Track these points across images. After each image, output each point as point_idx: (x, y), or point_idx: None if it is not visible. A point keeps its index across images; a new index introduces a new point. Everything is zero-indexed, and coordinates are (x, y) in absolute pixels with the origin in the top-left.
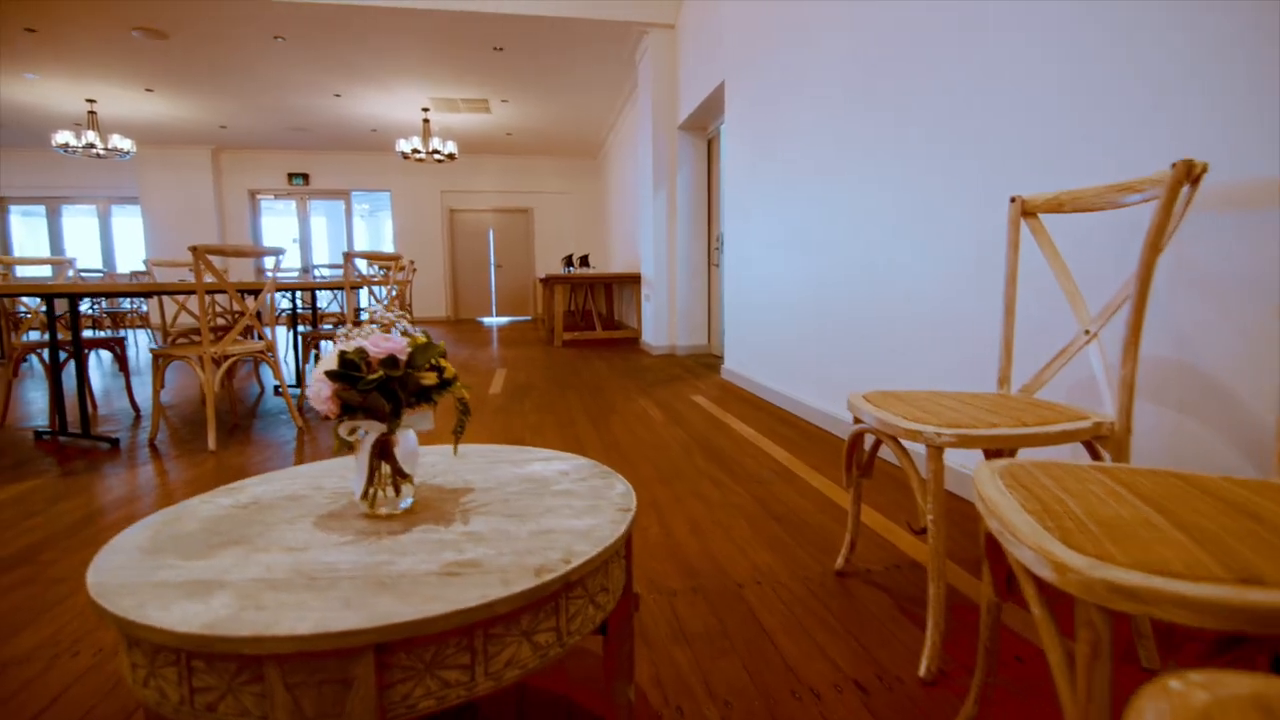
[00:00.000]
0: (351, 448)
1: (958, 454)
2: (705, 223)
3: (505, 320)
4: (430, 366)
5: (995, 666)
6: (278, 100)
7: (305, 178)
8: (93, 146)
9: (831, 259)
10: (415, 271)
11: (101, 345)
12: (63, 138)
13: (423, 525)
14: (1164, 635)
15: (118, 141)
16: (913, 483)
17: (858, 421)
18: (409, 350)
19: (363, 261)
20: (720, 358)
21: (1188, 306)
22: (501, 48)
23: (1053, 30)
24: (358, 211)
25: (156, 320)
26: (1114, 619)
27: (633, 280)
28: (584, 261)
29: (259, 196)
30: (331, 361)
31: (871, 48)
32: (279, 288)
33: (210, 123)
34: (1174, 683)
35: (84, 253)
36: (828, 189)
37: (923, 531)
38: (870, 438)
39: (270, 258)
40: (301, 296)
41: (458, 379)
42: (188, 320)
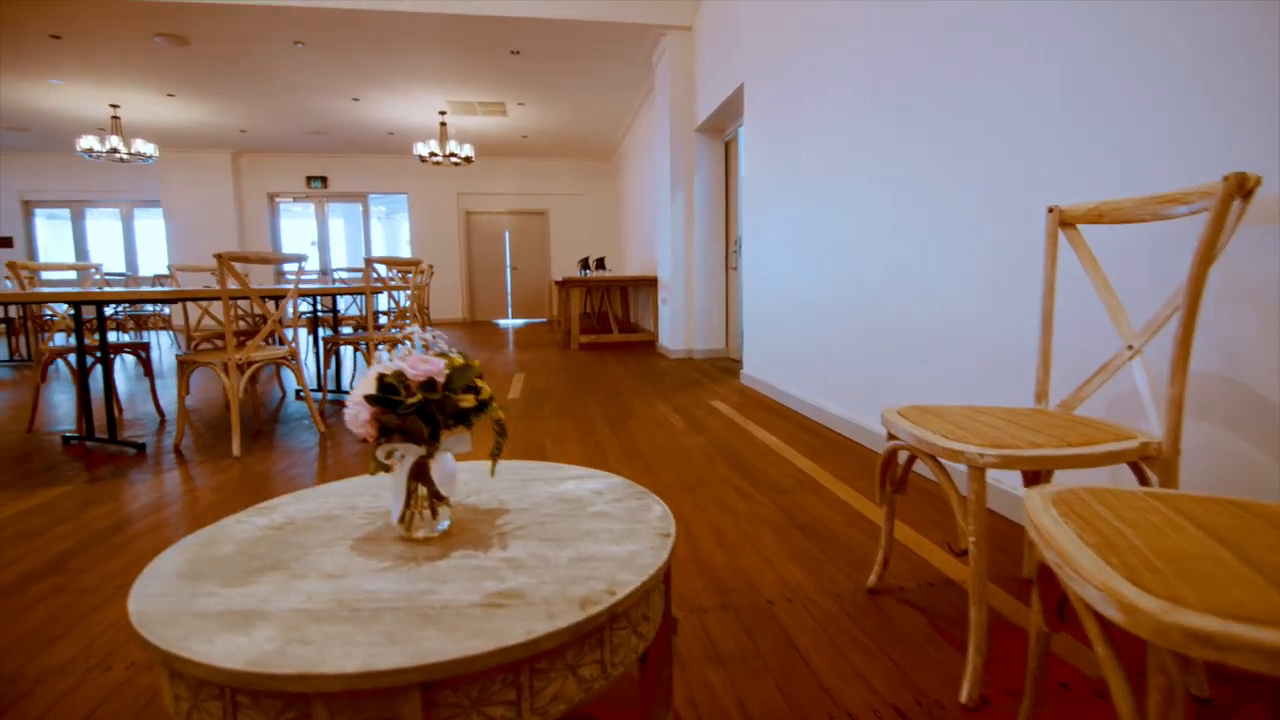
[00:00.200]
0: (388, 469)
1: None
2: (723, 226)
3: (521, 322)
4: (467, 388)
5: (1044, 696)
6: (296, 104)
7: (323, 180)
8: (116, 151)
9: (854, 264)
10: (433, 274)
11: (127, 350)
12: (87, 143)
13: (461, 550)
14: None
15: (140, 146)
16: (953, 503)
17: (892, 438)
18: (446, 372)
19: (382, 266)
20: (738, 362)
21: (1234, 321)
22: (518, 51)
23: (1101, 39)
24: (375, 214)
25: (179, 322)
26: (1187, 662)
27: (649, 283)
28: (600, 264)
29: (278, 199)
30: (370, 385)
31: (899, 50)
32: (301, 293)
33: (230, 126)
34: None
35: (107, 255)
36: (849, 193)
37: (963, 553)
38: (905, 453)
39: (292, 264)
40: (321, 300)
41: (494, 400)
42: (210, 323)
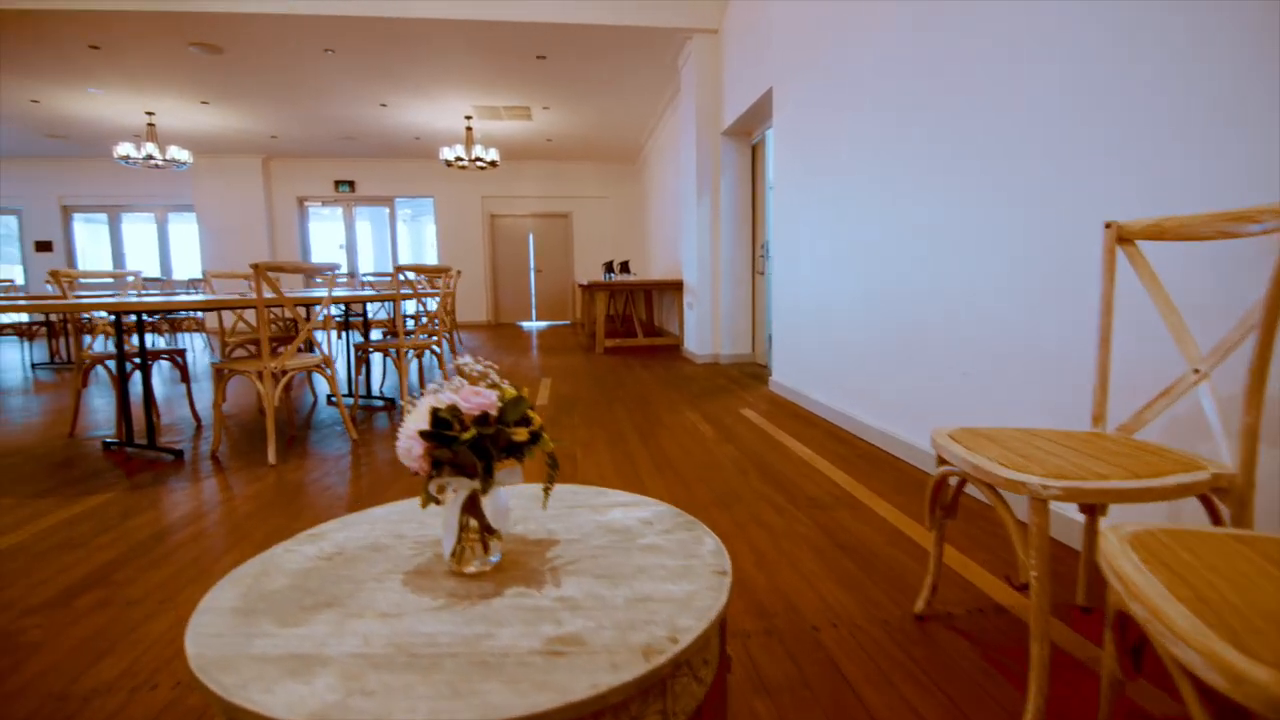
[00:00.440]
0: (438, 502)
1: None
2: (749, 230)
3: (544, 324)
4: (519, 420)
5: None
6: (326, 110)
7: (351, 185)
8: (151, 158)
9: (892, 272)
10: (460, 277)
11: (164, 356)
12: (123, 150)
13: (514, 587)
14: None
15: (175, 153)
16: (1011, 535)
17: (942, 462)
18: (499, 405)
19: (411, 272)
20: (764, 367)
21: None
22: (544, 56)
23: (1169, 47)
24: (400, 216)
25: (212, 325)
26: None
27: (673, 287)
28: (625, 268)
29: (307, 203)
30: (422, 419)
31: (942, 51)
32: (334, 300)
33: (262, 133)
34: None
35: (142, 258)
36: (888, 199)
37: (1024, 587)
38: (955, 478)
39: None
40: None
41: (544, 431)
42: (243, 326)
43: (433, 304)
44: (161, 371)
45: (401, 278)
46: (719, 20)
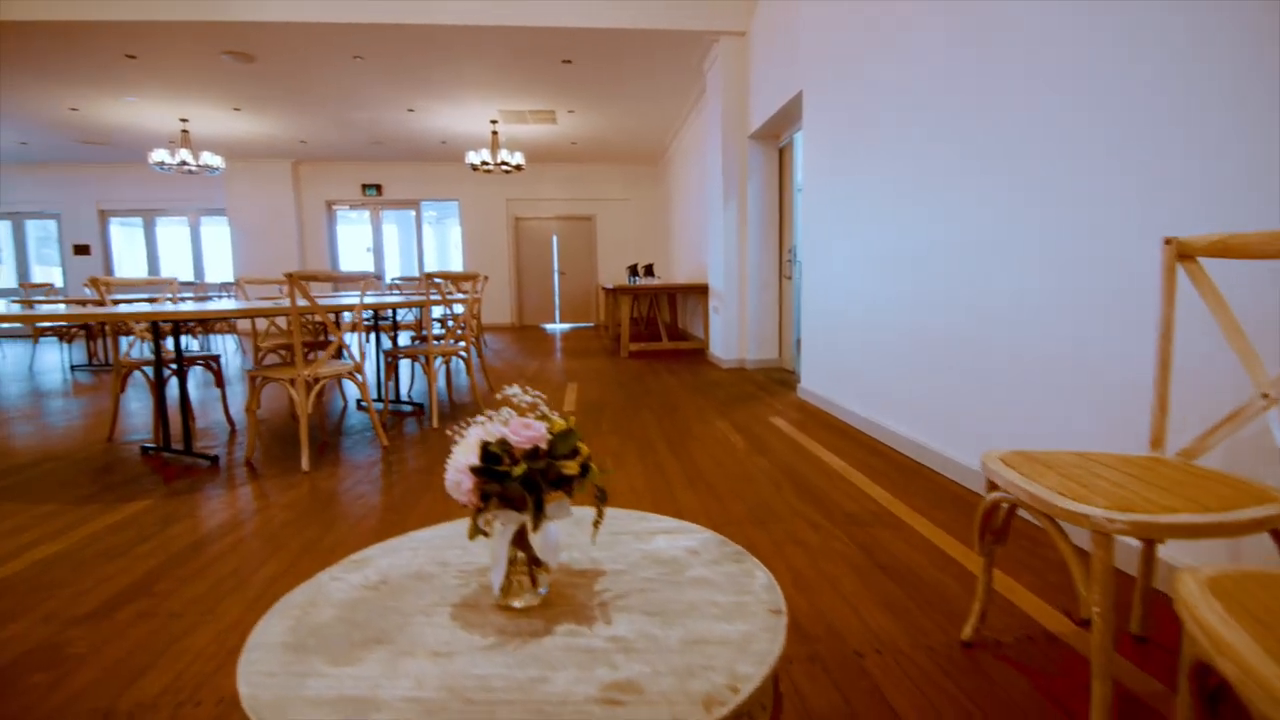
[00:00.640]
0: (486, 534)
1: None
2: (776, 234)
3: (568, 326)
4: (569, 453)
5: None
6: (354, 116)
7: (378, 188)
8: (185, 164)
9: (931, 281)
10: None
11: (200, 362)
12: (158, 156)
13: (564, 624)
14: None
15: (208, 158)
16: (1072, 569)
17: (993, 486)
18: (549, 438)
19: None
20: (792, 373)
21: None
22: (570, 60)
23: (1225, 69)
24: (425, 218)
25: (244, 327)
26: None
27: (698, 290)
28: (649, 271)
29: (335, 206)
30: (472, 452)
31: (988, 52)
32: (365, 307)
33: (291, 138)
34: None
35: (176, 260)
36: (927, 206)
37: (1085, 623)
38: (1007, 503)
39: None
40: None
41: (592, 463)
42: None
43: (459, 308)
44: (195, 375)
45: (432, 283)
46: (746, 22)
